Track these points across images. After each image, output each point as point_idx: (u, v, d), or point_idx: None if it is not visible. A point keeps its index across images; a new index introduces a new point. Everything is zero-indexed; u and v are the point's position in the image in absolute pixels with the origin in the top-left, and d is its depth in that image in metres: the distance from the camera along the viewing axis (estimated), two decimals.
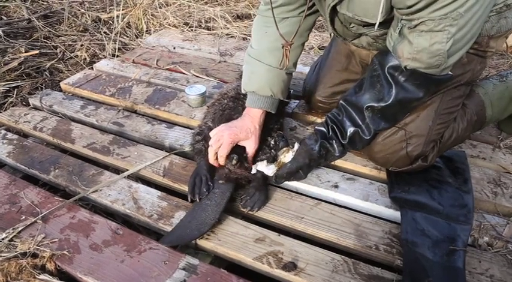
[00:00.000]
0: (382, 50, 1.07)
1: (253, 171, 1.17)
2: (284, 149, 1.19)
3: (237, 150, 1.19)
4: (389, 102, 1.05)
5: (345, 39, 1.28)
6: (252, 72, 1.24)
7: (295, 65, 1.29)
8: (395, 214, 1.11)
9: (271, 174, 1.15)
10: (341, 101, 1.15)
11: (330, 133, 1.16)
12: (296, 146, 1.17)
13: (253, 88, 1.22)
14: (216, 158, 1.18)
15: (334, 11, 1.10)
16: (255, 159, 1.22)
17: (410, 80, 1.02)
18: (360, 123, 1.11)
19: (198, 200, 1.12)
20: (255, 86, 1.22)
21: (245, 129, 1.18)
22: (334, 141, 1.16)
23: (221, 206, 1.10)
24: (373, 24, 1.07)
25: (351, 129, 1.12)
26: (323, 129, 1.17)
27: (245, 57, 1.27)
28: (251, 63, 1.24)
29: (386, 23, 1.02)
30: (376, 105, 1.07)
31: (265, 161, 1.17)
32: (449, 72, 1.03)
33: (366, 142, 1.14)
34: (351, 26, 1.14)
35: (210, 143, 1.17)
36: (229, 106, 1.33)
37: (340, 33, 1.23)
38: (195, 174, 1.20)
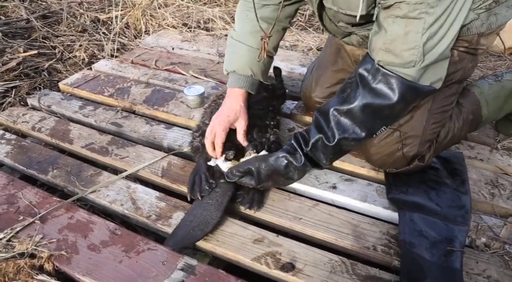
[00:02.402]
0: (364, 56, 1.04)
1: (212, 164, 1.18)
2: (251, 151, 1.17)
3: (233, 138, 1.21)
4: (354, 104, 0.99)
5: (335, 37, 1.28)
6: (233, 53, 1.26)
7: (275, 49, 1.30)
8: (393, 215, 1.11)
9: (226, 170, 1.13)
10: (314, 112, 1.12)
11: (295, 144, 1.08)
12: (263, 152, 1.16)
13: (234, 67, 1.24)
14: (214, 149, 1.19)
15: (321, 6, 1.11)
16: (250, 143, 1.22)
17: (382, 83, 0.95)
18: (325, 129, 1.03)
19: (200, 198, 1.12)
20: (235, 65, 1.24)
21: (232, 110, 1.20)
22: (297, 151, 1.08)
23: (223, 205, 1.10)
24: (361, 24, 1.07)
25: (314, 136, 1.04)
26: (290, 141, 1.12)
27: (228, 40, 1.29)
28: (233, 44, 1.26)
29: (372, 22, 1.02)
30: (340, 107, 1.01)
31: (223, 157, 1.16)
32: (432, 86, 0.98)
33: (331, 150, 1.04)
34: (339, 23, 1.14)
35: (205, 136, 1.19)
36: None
37: (330, 30, 1.24)
38: (194, 173, 1.20)
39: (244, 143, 1.21)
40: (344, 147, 1.05)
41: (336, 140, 1.02)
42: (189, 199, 1.15)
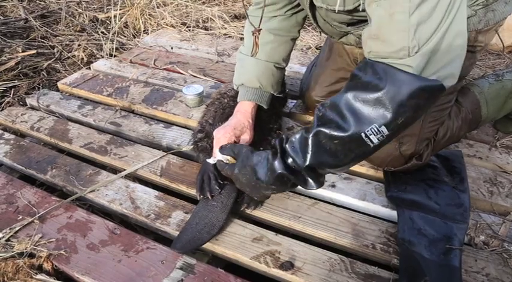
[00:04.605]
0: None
1: (211, 161, 1.12)
2: None
3: None
4: (339, 96, 0.86)
5: (332, 38, 1.28)
6: (241, 67, 1.26)
7: (284, 60, 1.29)
8: (392, 213, 1.11)
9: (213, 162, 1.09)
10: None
11: (277, 142, 0.97)
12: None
13: (242, 81, 1.24)
14: None
15: (313, 5, 1.10)
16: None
17: (370, 75, 0.82)
18: (309, 126, 0.91)
19: (210, 197, 1.11)
20: (243, 78, 1.24)
21: (239, 125, 1.18)
22: (277, 147, 0.95)
23: (228, 207, 1.09)
24: (355, 23, 1.05)
25: (297, 133, 0.92)
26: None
27: (237, 55, 1.29)
28: (241, 59, 1.26)
29: (364, 21, 1.01)
30: (327, 101, 0.89)
31: (221, 156, 1.10)
32: (439, 81, 0.79)
33: (309, 144, 0.88)
34: (334, 23, 1.13)
35: (213, 150, 1.16)
36: (230, 105, 1.33)
37: (327, 32, 1.24)
38: (202, 172, 1.19)
39: None
40: (324, 143, 0.86)
41: (313, 131, 0.87)
42: (198, 198, 1.14)
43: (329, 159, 0.87)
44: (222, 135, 1.14)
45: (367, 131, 0.82)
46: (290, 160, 0.91)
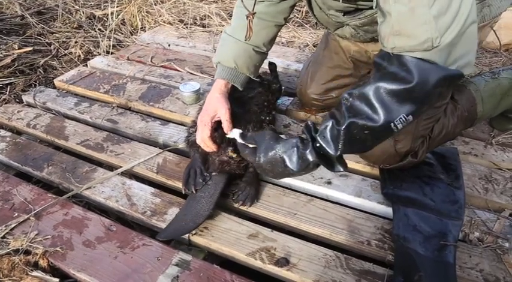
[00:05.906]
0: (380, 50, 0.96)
1: (231, 135, 1.10)
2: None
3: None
4: (368, 87, 0.86)
5: (328, 29, 1.27)
6: (221, 46, 1.26)
7: (265, 45, 1.27)
8: (387, 210, 1.12)
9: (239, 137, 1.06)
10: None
11: (305, 130, 0.96)
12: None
13: (219, 59, 1.24)
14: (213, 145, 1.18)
15: None
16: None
17: (396, 66, 0.83)
18: (337, 114, 0.91)
19: (194, 191, 1.12)
20: (220, 57, 1.24)
21: (209, 104, 1.19)
22: (306, 136, 0.96)
23: (215, 197, 1.10)
24: (351, 12, 1.04)
25: (325, 123, 0.91)
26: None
27: (221, 34, 1.29)
28: (223, 38, 1.27)
29: (361, 10, 1.00)
30: (353, 91, 0.89)
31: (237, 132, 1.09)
32: (459, 70, 0.82)
33: (340, 136, 0.88)
34: (330, 11, 1.12)
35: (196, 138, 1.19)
36: None
37: (322, 22, 1.23)
38: (189, 167, 1.21)
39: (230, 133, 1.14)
40: (356, 134, 0.88)
41: (346, 123, 0.87)
42: (183, 192, 1.16)
43: (359, 146, 0.91)
44: (199, 121, 1.17)
45: (396, 121, 0.85)
46: (321, 149, 0.92)
